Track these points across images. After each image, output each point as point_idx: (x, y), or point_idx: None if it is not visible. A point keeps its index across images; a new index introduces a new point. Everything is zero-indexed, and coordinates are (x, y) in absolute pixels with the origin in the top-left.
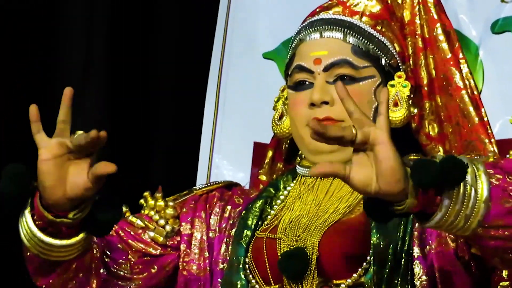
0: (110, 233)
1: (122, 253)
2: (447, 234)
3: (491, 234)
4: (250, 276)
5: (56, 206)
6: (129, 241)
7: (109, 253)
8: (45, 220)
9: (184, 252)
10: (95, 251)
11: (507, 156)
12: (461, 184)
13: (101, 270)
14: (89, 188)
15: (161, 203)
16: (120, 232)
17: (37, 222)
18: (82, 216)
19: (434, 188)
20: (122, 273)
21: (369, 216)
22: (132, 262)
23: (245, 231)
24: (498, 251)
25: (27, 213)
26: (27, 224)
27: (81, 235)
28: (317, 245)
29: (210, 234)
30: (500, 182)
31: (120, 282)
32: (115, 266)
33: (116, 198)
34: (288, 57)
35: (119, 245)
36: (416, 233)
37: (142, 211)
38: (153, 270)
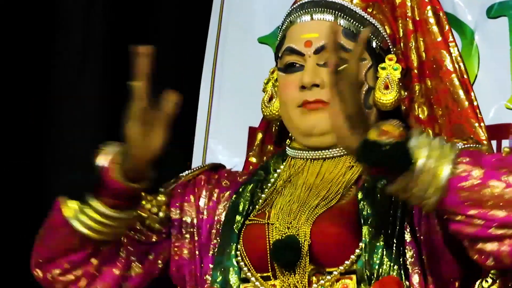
0: None
1: (119, 243)
2: (436, 221)
3: (450, 218)
4: (242, 263)
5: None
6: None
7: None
8: (123, 195)
9: (175, 237)
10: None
11: (502, 149)
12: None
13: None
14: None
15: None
16: None
17: (109, 204)
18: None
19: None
20: (122, 260)
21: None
22: (130, 250)
23: (237, 216)
24: (458, 234)
25: (92, 202)
26: (97, 211)
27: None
28: (309, 233)
29: (200, 217)
30: (466, 173)
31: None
32: (117, 255)
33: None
34: (278, 39)
35: None
36: (406, 217)
37: None
38: (150, 257)
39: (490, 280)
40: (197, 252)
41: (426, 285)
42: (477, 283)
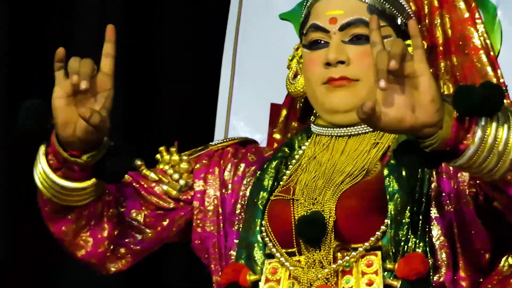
0: (125, 183)
1: (136, 205)
2: (467, 192)
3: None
4: (267, 238)
5: (68, 145)
6: (143, 193)
7: (123, 204)
8: (59, 158)
9: (198, 209)
10: (108, 198)
11: None
12: (494, 120)
13: (115, 220)
14: (89, 131)
15: (175, 157)
16: (135, 184)
17: (51, 162)
18: (94, 160)
19: (472, 118)
20: (135, 223)
21: (398, 161)
22: (144, 214)
23: (261, 192)
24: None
25: (41, 154)
26: (41, 165)
27: (92, 180)
28: (334, 209)
29: (223, 191)
30: None
31: (132, 233)
32: (129, 216)
33: (132, 147)
34: (302, 15)
35: (133, 196)
36: (432, 193)
37: (158, 166)
38: (164, 223)
39: None
40: (221, 225)
41: (455, 260)
42: (503, 259)
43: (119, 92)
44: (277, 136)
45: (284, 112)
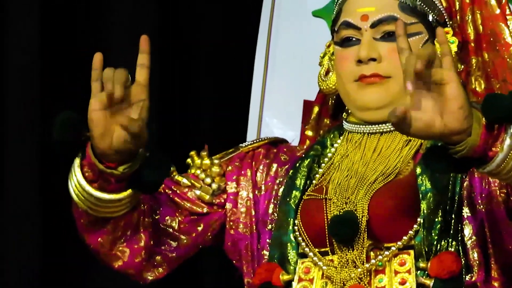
0: (158, 191)
1: (170, 211)
2: (498, 193)
3: None
4: (300, 238)
5: (104, 157)
6: (176, 199)
7: (158, 211)
8: (95, 170)
9: (231, 211)
10: (143, 207)
11: None
12: None
13: (150, 228)
14: (127, 140)
15: (207, 161)
16: (167, 191)
17: (86, 174)
18: (130, 171)
19: (500, 125)
20: (170, 230)
21: (428, 167)
22: (179, 220)
23: (294, 191)
24: None
25: (76, 167)
26: (77, 177)
27: (128, 191)
28: (367, 208)
29: (256, 192)
30: None
31: (168, 240)
32: (163, 223)
33: (166, 157)
34: (334, 12)
35: (167, 203)
36: (465, 193)
37: (189, 170)
38: (199, 228)
39: None
40: (254, 227)
41: (487, 260)
42: None
43: (152, 89)
44: (309, 133)
45: (316, 109)
